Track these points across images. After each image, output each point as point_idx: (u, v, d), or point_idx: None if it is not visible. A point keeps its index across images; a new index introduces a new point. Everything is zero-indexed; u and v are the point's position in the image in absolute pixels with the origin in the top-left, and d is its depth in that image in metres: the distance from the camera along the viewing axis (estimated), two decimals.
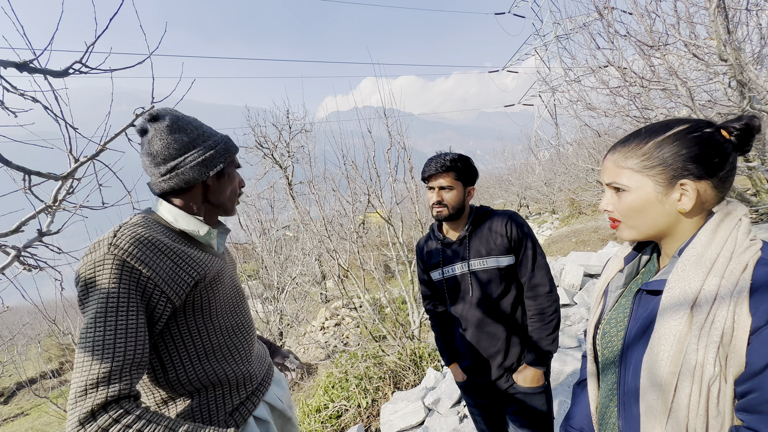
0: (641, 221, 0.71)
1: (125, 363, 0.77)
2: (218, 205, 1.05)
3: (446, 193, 1.42)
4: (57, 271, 1.42)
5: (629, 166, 0.70)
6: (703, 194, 0.66)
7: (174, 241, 0.93)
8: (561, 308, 4.15)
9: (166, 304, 0.86)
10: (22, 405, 9.59)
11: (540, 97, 31.75)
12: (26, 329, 13.00)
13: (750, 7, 3.19)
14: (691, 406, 0.59)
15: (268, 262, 6.80)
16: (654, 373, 0.63)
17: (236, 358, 1.02)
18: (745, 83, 2.98)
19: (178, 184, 0.97)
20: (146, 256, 0.84)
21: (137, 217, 0.93)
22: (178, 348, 0.92)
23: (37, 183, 1.20)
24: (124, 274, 0.80)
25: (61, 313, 3.72)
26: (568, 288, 4.56)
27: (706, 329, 0.58)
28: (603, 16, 3.57)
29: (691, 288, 0.61)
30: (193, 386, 0.93)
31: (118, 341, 0.77)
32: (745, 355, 0.55)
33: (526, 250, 1.42)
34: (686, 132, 0.66)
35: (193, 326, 0.94)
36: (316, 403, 3.47)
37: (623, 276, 0.79)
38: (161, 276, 0.85)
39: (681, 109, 3.95)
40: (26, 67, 0.97)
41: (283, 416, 1.15)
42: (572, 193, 11.90)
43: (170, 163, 0.96)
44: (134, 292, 0.81)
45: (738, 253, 0.61)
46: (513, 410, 1.44)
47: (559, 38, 30.65)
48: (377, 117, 4.57)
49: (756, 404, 0.54)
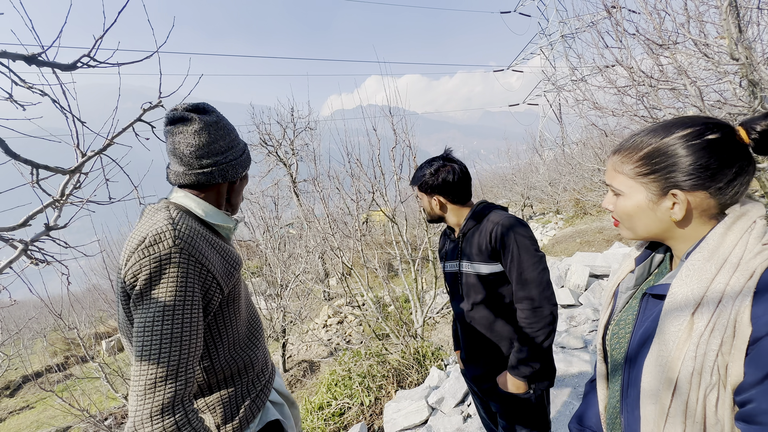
0: (635, 225, 0.71)
1: (191, 356, 0.79)
2: (235, 204, 1.12)
3: (421, 201, 1.57)
4: (64, 266, 1.43)
5: (624, 172, 0.70)
6: (699, 204, 0.64)
7: (211, 234, 0.97)
8: (566, 309, 4.13)
9: (219, 296, 0.90)
10: (27, 398, 9.69)
11: (545, 97, 31.56)
12: (32, 323, 13.13)
13: (761, 6, 3.15)
14: (689, 412, 0.58)
15: (272, 259, 6.81)
16: (654, 378, 0.62)
17: (257, 345, 1.08)
18: (757, 82, 2.94)
19: (215, 179, 1.00)
20: (205, 249, 0.86)
21: (170, 208, 0.91)
22: (221, 336, 0.95)
23: (44, 177, 1.20)
24: (191, 267, 0.81)
25: (67, 308, 3.75)
26: (574, 288, 4.53)
27: (706, 337, 0.56)
28: (611, 15, 3.53)
29: (693, 293, 0.59)
30: (224, 373, 0.96)
31: (184, 335, 0.78)
32: (743, 365, 0.54)
33: (512, 262, 1.34)
34: (685, 139, 0.63)
35: (228, 316, 0.98)
36: (319, 400, 3.47)
37: (634, 277, 0.78)
38: (217, 268, 0.88)
39: (690, 109, 3.90)
40: (35, 60, 0.97)
41: (288, 399, 1.21)
42: (577, 194, 11.83)
43: (214, 158, 0.99)
44: (198, 285, 0.83)
45: (747, 259, 0.58)
46: (498, 409, 1.48)
47: (564, 37, 30.45)
48: (382, 115, 4.57)
49: (754, 414, 0.53)
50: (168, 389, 0.74)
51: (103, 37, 1.04)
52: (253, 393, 1.01)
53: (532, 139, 19.62)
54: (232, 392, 0.97)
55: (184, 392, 0.77)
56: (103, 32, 1.04)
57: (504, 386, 1.38)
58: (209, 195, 1.01)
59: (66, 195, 1.31)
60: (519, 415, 1.42)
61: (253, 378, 1.03)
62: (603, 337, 0.81)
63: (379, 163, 4.58)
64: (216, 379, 0.95)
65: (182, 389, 0.76)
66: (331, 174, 5.42)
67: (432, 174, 1.46)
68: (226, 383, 0.97)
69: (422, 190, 1.51)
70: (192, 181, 0.98)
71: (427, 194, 1.50)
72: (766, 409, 0.52)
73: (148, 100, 1.36)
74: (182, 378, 0.77)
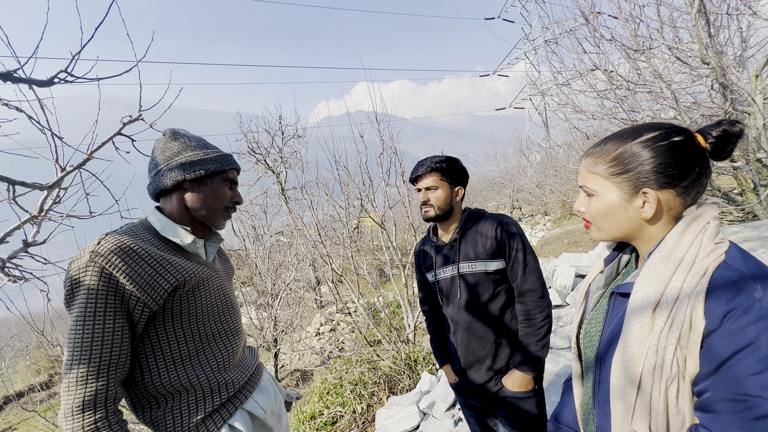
0: (607, 225, 0.74)
1: (102, 363, 0.83)
2: (198, 213, 1.06)
3: (432, 193, 1.46)
4: (43, 282, 1.41)
5: (598, 172, 0.73)
6: (666, 202, 0.68)
7: (158, 248, 0.97)
8: (553, 309, 4.19)
9: (143, 309, 0.91)
10: (9, 419, 9.36)
11: (530, 101, 32.12)
12: (14, 341, 12.72)
13: (731, 12, 3.28)
14: (653, 404, 0.61)
15: (262, 268, 6.75)
16: (622, 374, 0.65)
17: (213, 364, 1.03)
18: (727, 86, 3.05)
19: (159, 186, 1.03)
20: (125, 263, 0.88)
21: (128, 225, 1.00)
22: (155, 351, 0.95)
23: (22, 193, 1.19)
24: (102, 281, 0.85)
25: (49, 325, 3.65)
26: (560, 289, 4.59)
27: (665, 331, 0.60)
28: (589, 21, 3.64)
29: (654, 291, 0.63)
30: (165, 390, 0.95)
31: (95, 343, 0.83)
32: (698, 357, 0.58)
33: (516, 255, 1.41)
34: (653, 140, 0.68)
35: (170, 330, 0.97)
36: (311, 410, 3.44)
37: (603, 277, 0.82)
38: (138, 282, 0.89)
39: (667, 111, 4.03)
40: (10, 77, 0.97)
41: (264, 426, 1.11)
42: (563, 195, 12.02)
43: (156, 169, 1.04)
44: (112, 297, 0.86)
45: (701, 257, 0.62)
46: (503, 413, 1.44)
47: (548, 42, 31.09)
48: (369, 122, 4.59)
49: (708, 403, 0.57)
50: (89, 388, 0.81)
51: (81, 52, 1.04)
52: (200, 413, 0.97)
53: (519, 143, 19.91)
54: (177, 409, 0.95)
55: (106, 395, 0.84)
56: (80, 48, 1.04)
57: (513, 385, 1.38)
58: (166, 205, 1.06)
59: (45, 210, 1.29)
60: (527, 418, 1.41)
61: (203, 398, 0.99)
62: (577, 336, 0.84)
63: (366, 169, 4.60)
64: (157, 394, 0.95)
65: (103, 391, 0.83)
66: (320, 181, 5.42)
67: (460, 165, 1.49)
68: (172, 399, 0.95)
69: (447, 177, 1.46)
70: (150, 192, 1.07)
71: (449, 183, 1.47)
72: (720, 398, 0.55)
73: (131, 111, 1.36)
74: (103, 380, 0.83)
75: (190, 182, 1.03)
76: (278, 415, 1.18)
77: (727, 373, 0.55)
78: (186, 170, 1.02)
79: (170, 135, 1.07)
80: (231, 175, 1.12)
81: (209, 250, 1.12)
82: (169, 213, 1.05)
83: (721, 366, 0.55)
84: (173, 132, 1.08)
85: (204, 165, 1.04)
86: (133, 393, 0.96)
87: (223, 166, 1.08)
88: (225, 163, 1.09)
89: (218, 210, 1.09)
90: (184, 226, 1.05)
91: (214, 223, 1.10)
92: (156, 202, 1.10)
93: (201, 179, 1.05)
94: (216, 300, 1.08)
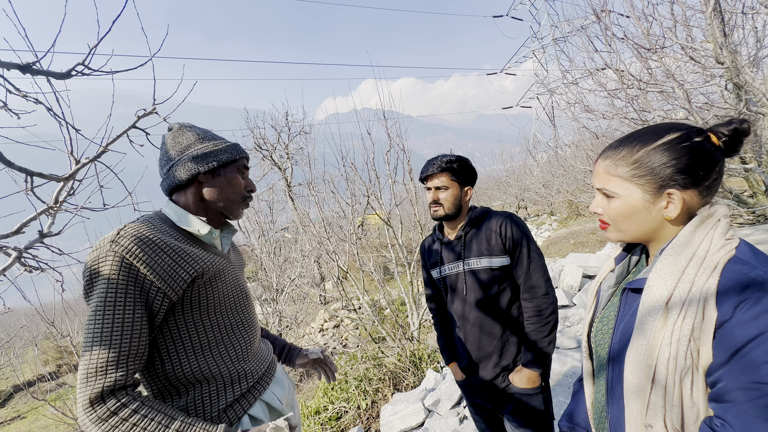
0: (628, 226, 0.74)
1: (121, 353, 0.83)
2: (215, 204, 1.07)
3: (442, 193, 1.46)
4: (58, 273, 1.42)
5: (619, 174, 0.73)
6: (689, 202, 0.69)
7: (176, 239, 0.97)
8: (560, 309, 4.17)
9: (163, 299, 0.90)
10: (19, 408, 9.53)
11: (538, 100, 31.86)
12: (24, 331, 12.94)
13: (746, 11, 3.23)
14: (668, 398, 0.62)
15: (267, 263, 6.79)
16: (637, 368, 0.66)
17: (232, 355, 1.03)
18: (742, 86, 3.01)
19: (173, 181, 1.03)
20: (144, 253, 0.87)
21: (145, 216, 1.00)
22: (175, 342, 0.95)
23: (38, 184, 1.20)
24: (122, 270, 0.85)
25: (59, 315, 3.71)
26: (567, 289, 4.57)
27: (678, 324, 0.61)
28: (600, 19, 3.60)
29: (667, 285, 0.65)
30: (187, 380, 0.95)
31: (114, 333, 0.83)
32: (711, 348, 0.59)
33: (522, 251, 1.41)
34: (676, 142, 0.68)
35: (190, 321, 0.97)
36: (316, 405, 3.46)
37: (614, 276, 0.82)
38: (158, 272, 0.88)
39: (678, 111, 3.98)
40: (29, 68, 0.98)
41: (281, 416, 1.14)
42: (570, 195, 11.93)
43: (170, 163, 1.04)
44: (132, 287, 0.86)
45: (712, 252, 0.63)
46: (510, 410, 1.45)
47: (556, 41, 30.79)
48: (376, 119, 4.59)
49: (722, 393, 0.58)
50: (108, 378, 0.81)
51: (98, 45, 1.05)
52: (222, 403, 0.98)
53: (525, 142, 19.77)
54: (199, 399, 0.96)
55: (125, 384, 0.83)
56: (97, 41, 1.05)
57: (520, 382, 1.39)
58: (184, 197, 1.05)
59: (60, 202, 1.31)
60: (534, 415, 1.42)
61: (224, 388, 1.00)
62: (588, 335, 0.84)
63: (373, 166, 4.60)
64: (179, 384, 0.95)
65: (122, 381, 0.82)
66: (326, 178, 5.43)
67: (470, 165, 1.51)
68: (194, 389, 0.96)
69: (457, 177, 1.47)
70: (164, 189, 1.07)
71: (460, 183, 1.48)
72: (734, 387, 0.56)
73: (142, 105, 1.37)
74: (122, 370, 0.83)
75: (204, 174, 1.04)
76: (291, 407, 1.20)
77: (740, 362, 0.56)
78: (199, 163, 1.02)
79: (178, 129, 1.07)
80: (243, 162, 1.12)
81: (224, 241, 1.12)
82: (185, 205, 1.05)
83: (734, 355, 0.56)
84: (181, 126, 1.08)
85: (216, 156, 1.04)
86: (154, 384, 0.96)
87: (234, 156, 1.08)
88: (236, 152, 1.09)
89: (236, 200, 1.09)
90: (200, 217, 1.05)
91: (233, 213, 1.10)
92: (169, 198, 1.10)
93: (215, 170, 1.05)
94: (233, 291, 1.08)
